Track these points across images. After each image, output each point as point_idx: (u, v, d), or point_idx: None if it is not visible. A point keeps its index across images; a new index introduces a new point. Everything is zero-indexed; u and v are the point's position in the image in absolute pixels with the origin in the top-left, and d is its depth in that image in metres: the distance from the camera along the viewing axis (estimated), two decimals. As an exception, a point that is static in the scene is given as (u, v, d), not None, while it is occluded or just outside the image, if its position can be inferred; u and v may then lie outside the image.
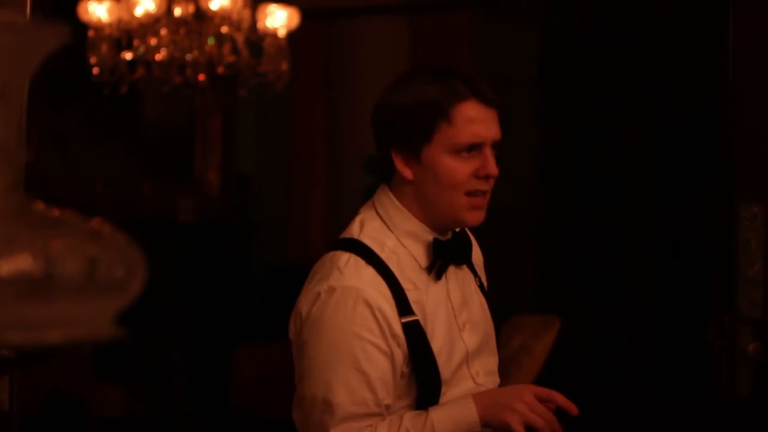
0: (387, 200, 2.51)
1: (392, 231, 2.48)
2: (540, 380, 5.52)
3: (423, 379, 2.44)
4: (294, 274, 8.49)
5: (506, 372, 5.31)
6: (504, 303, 3.73)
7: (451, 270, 2.55)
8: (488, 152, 2.43)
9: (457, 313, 2.55)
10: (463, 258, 2.58)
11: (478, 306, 2.65)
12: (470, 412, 2.38)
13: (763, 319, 3.72)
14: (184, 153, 9.20)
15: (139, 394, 7.97)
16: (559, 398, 2.40)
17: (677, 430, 5.51)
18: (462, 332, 2.55)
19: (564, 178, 6.72)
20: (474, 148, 2.41)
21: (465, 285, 2.62)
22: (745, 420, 3.79)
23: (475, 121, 2.41)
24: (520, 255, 6.80)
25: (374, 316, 2.38)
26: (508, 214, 6.93)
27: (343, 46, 8.69)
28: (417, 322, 2.43)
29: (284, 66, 6.17)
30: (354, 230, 2.51)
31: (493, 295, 2.83)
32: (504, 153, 2.52)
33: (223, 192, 9.24)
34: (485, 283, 2.73)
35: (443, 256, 2.50)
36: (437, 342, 2.46)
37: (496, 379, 2.65)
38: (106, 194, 8.86)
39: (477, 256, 2.73)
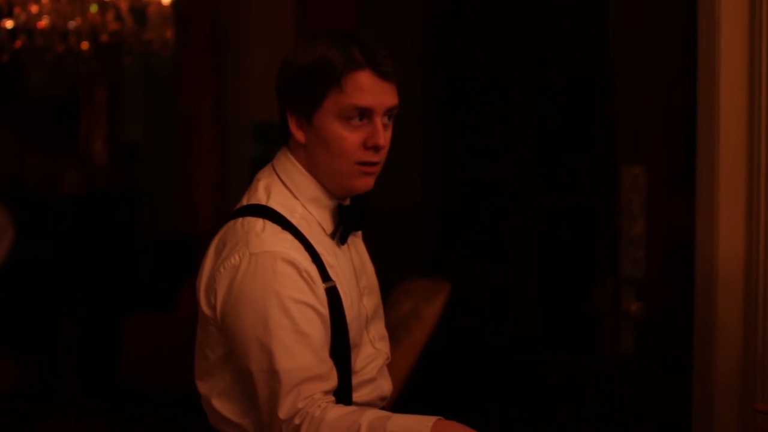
0: (289, 165, 2.49)
1: (297, 198, 2.46)
2: (431, 345, 5.56)
3: (336, 344, 2.41)
4: (182, 243, 8.50)
5: (396, 337, 5.34)
6: (394, 269, 3.76)
7: (350, 236, 2.55)
8: (378, 122, 2.41)
9: (358, 277, 2.56)
10: (362, 224, 2.56)
11: (372, 271, 2.67)
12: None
13: (645, 280, 3.79)
14: (70, 123, 9.08)
15: (27, 366, 7.88)
16: None
17: (566, 392, 5.59)
18: (363, 297, 2.56)
19: (450, 143, 6.75)
20: (364, 116, 2.41)
21: (361, 250, 2.64)
22: (628, 379, 3.86)
23: (365, 90, 2.39)
24: (409, 221, 6.83)
25: (302, 277, 2.34)
26: (396, 180, 6.95)
27: (230, 12, 8.63)
28: (335, 287, 2.42)
29: (169, 33, 6.10)
30: (261, 196, 2.47)
31: (383, 261, 2.84)
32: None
33: (109, 162, 9.15)
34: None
35: (345, 222, 2.49)
36: (348, 306, 2.46)
37: (388, 344, 2.67)
38: (-10, 165, 8.74)
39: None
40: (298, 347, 2.31)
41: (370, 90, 2.39)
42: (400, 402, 3.59)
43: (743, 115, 3.73)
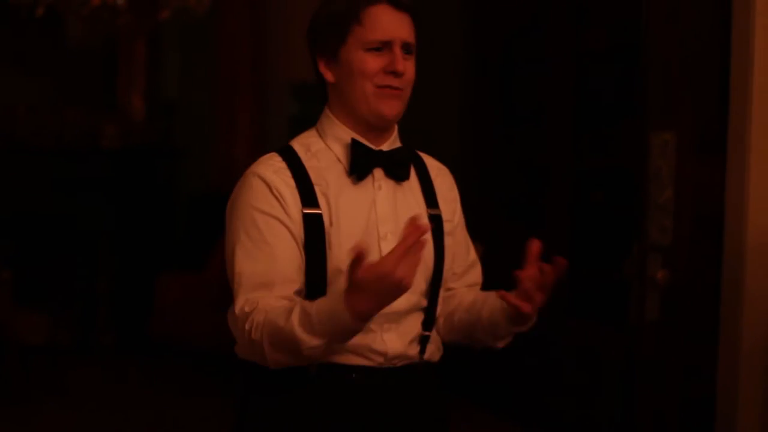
0: (323, 115, 2.68)
1: (323, 138, 2.65)
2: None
3: (312, 268, 2.53)
4: (218, 201, 8.49)
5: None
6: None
7: (388, 182, 2.64)
8: (397, 51, 2.57)
9: (381, 221, 2.60)
10: (392, 169, 2.64)
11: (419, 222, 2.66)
12: (341, 306, 2.33)
13: (671, 247, 3.75)
14: (108, 78, 9.09)
15: (61, 321, 7.93)
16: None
17: (591, 356, 5.56)
18: (382, 240, 2.59)
19: (488, 105, 6.71)
20: (385, 46, 2.57)
21: (403, 202, 2.66)
22: (653, 345, 3.83)
23: (384, 21, 2.57)
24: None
25: (272, 193, 2.53)
26: (433, 139, 6.92)
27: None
28: (319, 215, 2.55)
29: (204, -10, 6.08)
30: (293, 139, 2.69)
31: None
32: (428, 83, 2.62)
33: (147, 118, 9.15)
34: (449, 221, 2.75)
35: (363, 160, 2.60)
36: (336, 237, 2.54)
37: (415, 300, 2.64)
38: (28, 119, 8.75)
39: (446, 191, 2.78)
40: (257, 253, 2.50)
41: (387, 20, 2.57)
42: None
43: (776, 83, 3.68)
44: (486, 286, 2.86)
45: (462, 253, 2.82)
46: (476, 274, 2.88)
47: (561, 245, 5.84)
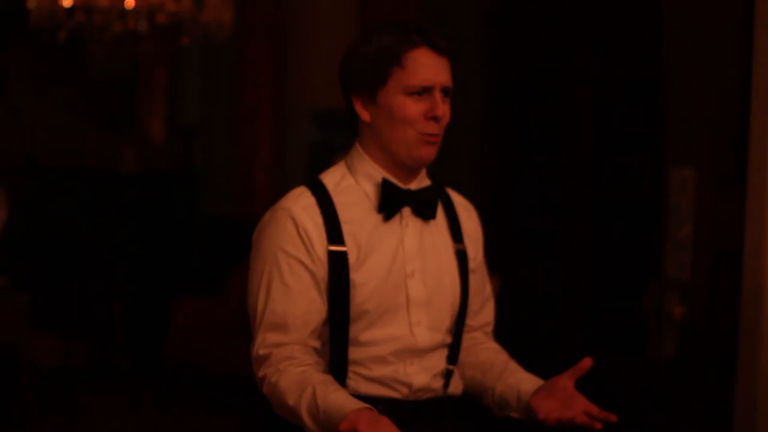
0: (353, 150, 2.68)
1: (353, 174, 2.65)
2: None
3: (334, 306, 2.56)
4: (236, 227, 8.50)
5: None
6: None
7: (415, 221, 2.65)
8: (438, 96, 2.57)
9: (408, 259, 2.62)
10: (420, 208, 2.65)
11: (443, 265, 2.69)
12: (344, 412, 2.36)
13: (690, 283, 3.73)
14: (129, 102, 9.11)
15: (77, 344, 7.92)
16: None
17: (608, 390, 5.52)
18: (409, 279, 2.61)
19: (508, 136, 6.70)
20: (425, 91, 2.57)
21: (429, 239, 2.67)
22: (669, 381, 3.80)
23: (426, 66, 2.57)
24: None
25: (299, 233, 2.54)
26: (452, 170, 6.91)
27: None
28: (344, 253, 2.56)
29: (227, 16, 6.10)
30: (323, 173, 2.69)
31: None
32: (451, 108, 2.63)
33: (167, 143, 9.16)
34: (473, 259, 2.77)
35: (393, 198, 2.61)
36: (362, 276, 2.56)
37: (440, 338, 2.66)
38: (48, 142, 8.77)
39: (472, 230, 2.80)
40: (276, 294, 2.54)
41: (429, 64, 2.57)
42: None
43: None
44: (503, 318, 2.86)
45: (479, 290, 2.81)
46: (489, 312, 2.88)
47: (580, 278, 5.82)
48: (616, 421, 2.49)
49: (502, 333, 5.69)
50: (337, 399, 2.41)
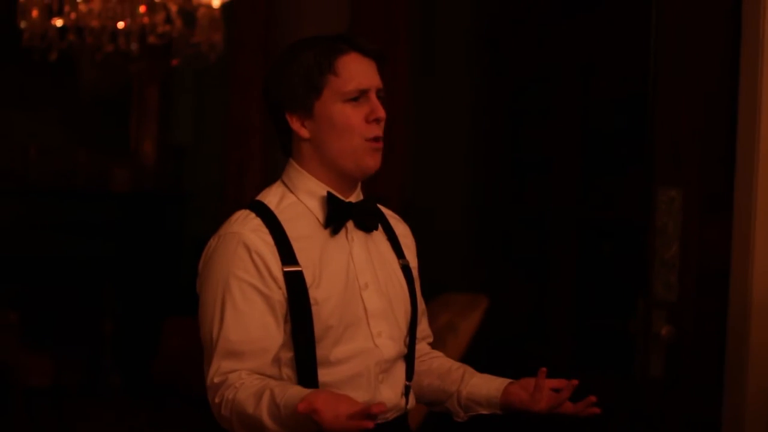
0: (290, 168, 2.65)
1: (293, 192, 2.62)
2: (468, 359, 5.53)
3: (298, 327, 2.52)
4: (226, 246, 8.49)
5: (430, 350, 5.31)
6: (433, 281, 3.75)
7: (358, 233, 2.65)
8: (374, 98, 2.59)
9: (359, 272, 2.62)
10: (364, 220, 2.65)
11: (393, 271, 2.72)
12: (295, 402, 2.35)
13: (677, 304, 3.75)
14: (120, 122, 9.13)
15: (68, 363, 7.92)
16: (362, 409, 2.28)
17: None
18: (363, 291, 2.62)
19: (496, 155, 6.72)
20: (361, 95, 2.57)
21: (375, 251, 2.69)
22: (657, 401, 3.82)
23: (359, 70, 2.58)
24: (451, 232, 6.81)
25: (251, 258, 2.50)
26: (440, 189, 6.93)
27: (284, 17, 8.63)
28: (300, 272, 2.52)
29: (217, 37, 6.13)
30: (261, 195, 2.67)
31: (425, 270, 2.89)
32: (438, 130, 2.65)
33: (158, 162, 9.18)
34: (414, 268, 2.81)
35: (338, 212, 2.60)
36: (322, 292, 2.54)
37: (400, 348, 2.67)
38: (40, 161, 8.79)
39: (408, 240, 2.83)
40: (229, 321, 2.48)
41: (361, 70, 2.58)
42: (434, 415, 3.58)
43: (783, 141, 3.68)
44: (491, 338, 2.89)
45: (419, 302, 2.84)
46: (427, 324, 2.90)
47: (567, 297, 5.83)
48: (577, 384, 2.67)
49: (490, 353, 5.72)
50: (296, 392, 2.38)
